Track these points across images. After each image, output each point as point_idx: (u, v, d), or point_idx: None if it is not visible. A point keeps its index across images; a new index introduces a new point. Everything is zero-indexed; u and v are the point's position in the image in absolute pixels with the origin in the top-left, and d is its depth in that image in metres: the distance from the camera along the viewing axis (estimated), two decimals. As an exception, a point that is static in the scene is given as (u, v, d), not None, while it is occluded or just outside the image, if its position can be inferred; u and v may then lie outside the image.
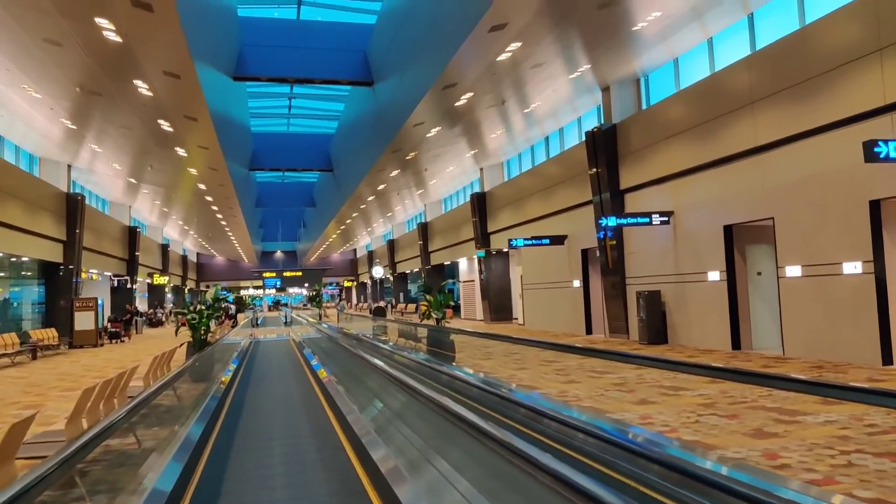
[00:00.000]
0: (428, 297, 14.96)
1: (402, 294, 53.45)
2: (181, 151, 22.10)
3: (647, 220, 16.03)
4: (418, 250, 42.77)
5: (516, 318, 29.22)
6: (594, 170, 19.23)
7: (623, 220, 16.07)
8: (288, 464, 6.50)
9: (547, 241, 21.72)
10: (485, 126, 23.43)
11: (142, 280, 41.74)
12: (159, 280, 44.48)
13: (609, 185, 18.66)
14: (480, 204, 30.45)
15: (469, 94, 17.61)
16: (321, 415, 8.76)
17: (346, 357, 12.37)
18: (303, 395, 10.67)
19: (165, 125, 18.13)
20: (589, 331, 20.86)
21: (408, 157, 25.23)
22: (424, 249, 41.39)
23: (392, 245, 51.45)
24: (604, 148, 18.84)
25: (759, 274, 14.83)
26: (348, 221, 47.32)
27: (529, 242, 21.70)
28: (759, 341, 14.50)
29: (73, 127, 19.88)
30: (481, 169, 31.10)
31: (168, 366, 10.18)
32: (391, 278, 54.32)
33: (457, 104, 18.42)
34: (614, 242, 18.48)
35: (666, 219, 16.15)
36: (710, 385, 9.82)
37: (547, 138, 26.34)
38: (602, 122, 19.37)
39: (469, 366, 13.06)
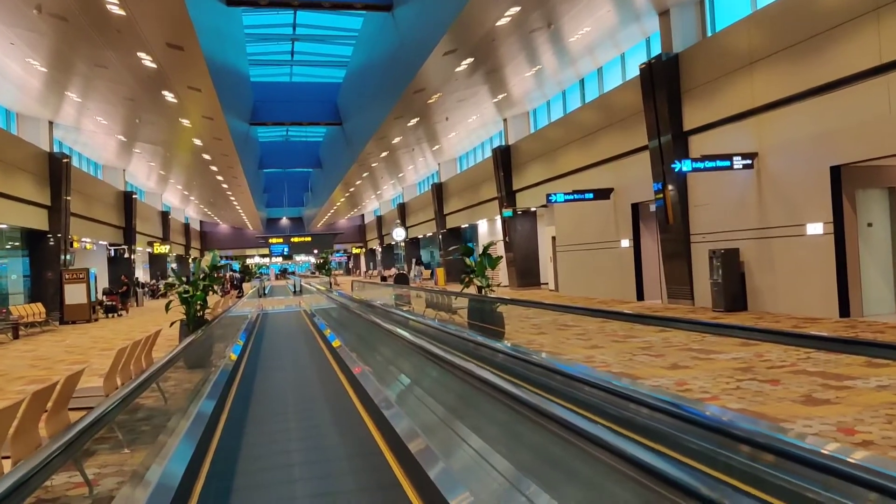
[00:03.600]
0: (467, 260, 12.45)
1: (413, 260, 51.08)
2: (170, 96, 19.43)
3: (728, 163, 13.40)
4: (432, 213, 40.17)
5: (545, 284, 26.78)
6: (651, 109, 16.52)
7: (699, 165, 13.44)
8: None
9: (590, 195, 19.12)
10: (514, 66, 20.63)
11: (142, 249, 39.40)
12: (160, 249, 42.11)
13: (671, 125, 15.96)
14: (505, 159, 27.73)
15: (515, 10, 14.74)
16: (356, 420, 6.38)
17: (375, 333, 10.09)
18: (334, 401, 8.09)
19: (147, 59, 15.52)
20: (640, 296, 18.39)
21: (430, 100, 22.37)
22: (439, 212, 38.80)
23: (403, 209, 48.83)
24: (663, 83, 16.09)
25: (870, 225, 12.26)
26: (357, 183, 44.62)
27: (570, 197, 19.11)
28: (870, 307, 12.02)
29: (40, 67, 17.26)
30: (505, 120, 28.30)
31: (147, 356, 7.80)
32: (402, 244, 51.87)
33: (499, 23, 15.54)
34: (672, 192, 15.88)
35: (749, 161, 13.52)
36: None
37: (582, 81, 23.51)
38: (652, 55, 16.56)
39: (523, 342, 10.67)
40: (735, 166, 13.39)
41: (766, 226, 13.51)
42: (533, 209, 27.02)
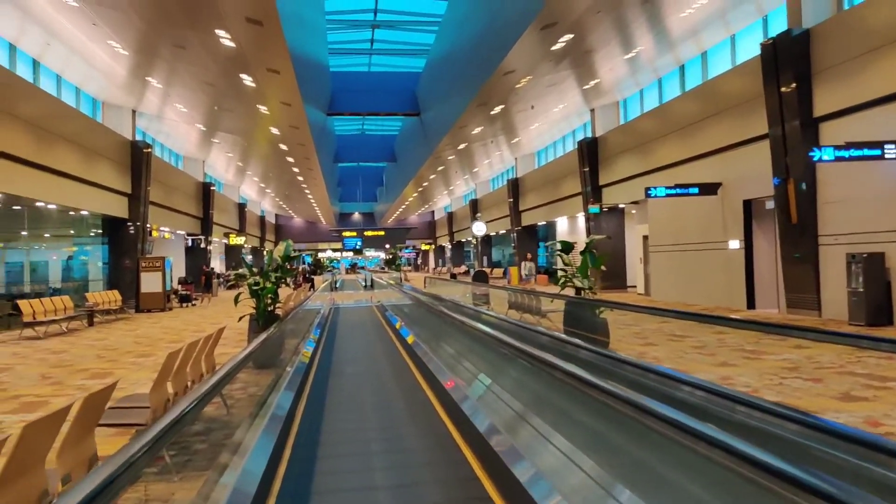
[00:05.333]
0: (563, 257, 10.96)
1: (485, 258, 49.71)
2: (248, 80, 18.79)
3: (878, 151, 11.39)
4: (506, 210, 38.72)
5: (633, 287, 24.88)
6: (774, 94, 14.54)
7: (843, 153, 11.47)
8: None
9: (695, 189, 17.24)
10: (610, 48, 18.96)
11: (218, 240, 39.70)
12: (236, 240, 42.35)
13: (798, 111, 13.96)
14: (591, 152, 25.97)
15: None
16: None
17: (454, 332, 8.88)
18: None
19: (225, 38, 14.90)
20: (751, 304, 16.39)
21: (519, 84, 20.85)
22: (515, 208, 37.30)
23: (475, 205, 47.53)
24: (790, 63, 14.11)
25: None
26: (431, 177, 43.61)
27: (673, 192, 17.28)
28: None
29: (122, 51, 16.92)
30: (592, 110, 26.54)
31: (208, 358, 6.76)
32: (474, 242, 50.58)
33: None
34: (797, 186, 13.88)
35: (904, 150, 11.46)
36: None
37: (682, 67, 21.53)
38: (769, 35, 14.56)
39: (633, 356, 9.15)
40: (887, 155, 11.37)
41: (924, 227, 11.43)
42: (621, 206, 25.17)
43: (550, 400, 4.89)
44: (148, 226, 23.50)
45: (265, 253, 11.03)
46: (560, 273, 11.25)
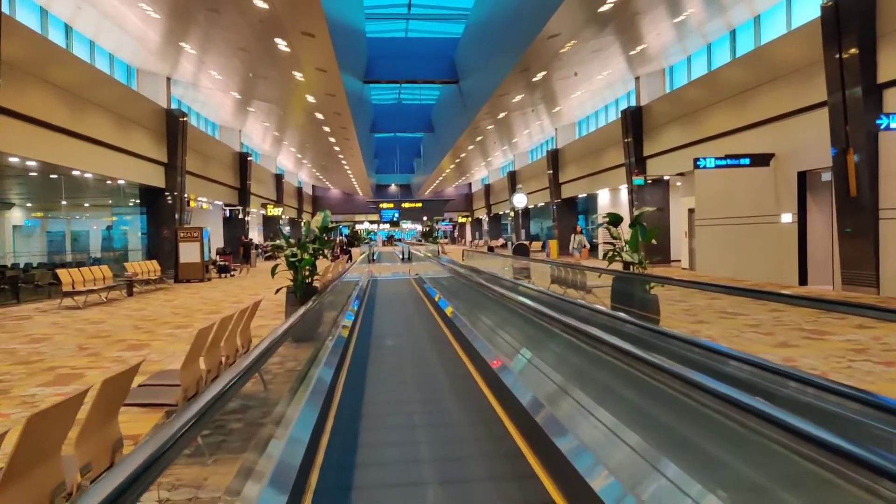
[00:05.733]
0: (611, 230, 10.48)
1: (523, 231, 49.10)
2: (283, 44, 18.43)
3: (953, 119, 10.56)
4: (545, 182, 37.99)
5: (678, 261, 24.15)
6: (834, 59, 13.64)
7: (913, 121, 10.68)
8: None
9: (747, 160, 16.44)
10: (659, 12, 18.06)
11: (256, 211, 39.96)
12: (273, 211, 42.60)
13: (862, 76, 13.07)
14: (635, 121, 25.09)
15: None
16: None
17: (494, 305, 8.58)
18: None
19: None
20: (803, 280, 15.67)
21: (563, 49, 20.08)
22: (555, 181, 36.54)
23: (513, 177, 46.83)
24: (853, 25, 13.19)
25: None
26: (470, 148, 42.97)
27: (723, 163, 16.51)
28: None
29: (154, 14, 16.75)
30: (637, 78, 25.59)
31: (244, 332, 6.54)
32: (511, 214, 49.98)
33: None
34: (858, 158, 13.04)
35: (982, 118, 10.61)
36: None
37: (733, 32, 20.48)
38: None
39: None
40: (963, 123, 10.54)
41: None
42: (666, 178, 24.35)
43: (593, 375, 4.78)
44: (185, 195, 23.63)
45: (302, 224, 10.85)
46: (608, 247, 10.78)
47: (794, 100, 15.75)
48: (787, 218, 16.07)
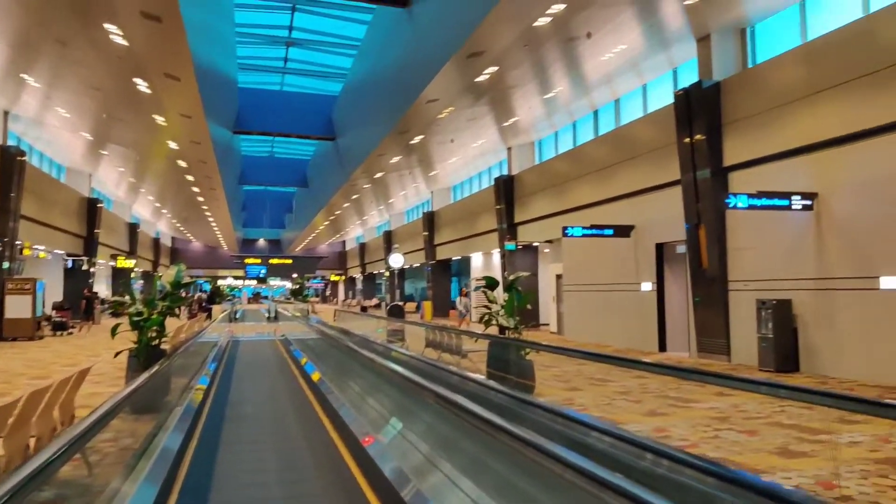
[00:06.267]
0: (488, 294, 10.37)
1: (398, 291, 48.75)
2: (143, 85, 17.07)
3: (786, 202, 11.63)
4: (420, 243, 38.15)
5: (546, 325, 24.75)
6: (686, 142, 14.80)
7: (756, 202, 11.62)
8: None
9: (610, 231, 17.27)
10: (531, 88, 18.95)
11: (104, 262, 36.60)
12: (124, 263, 39.21)
13: (709, 160, 14.23)
14: (508, 189, 25.91)
15: (558, 7, 12.86)
16: None
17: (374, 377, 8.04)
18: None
19: (117, 34, 13.45)
20: (663, 347, 16.43)
21: (441, 115, 20.38)
22: (430, 242, 36.77)
23: (389, 236, 46.68)
24: (701, 112, 14.41)
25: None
26: (345, 205, 42.43)
27: (589, 232, 17.23)
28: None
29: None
30: (509, 149, 26.59)
31: (65, 408, 5.42)
32: (386, 274, 49.60)
33: (536, 23, 13.66)
34: (713, 229, 14.06)
35: (809, 202, 11.76)
36: None
37: (596, 112, 21.92)
38: (678, 86, 14.91)
39: (558, 402, 8.60)
40: (793, 206, 11.63)
41: (829, 275, 11.68)
42: (535, 244, 25.15)
43: (461, 445, 4.76)
44: (18, 242, 21.01)
45: (155, 278, 9.73)
46: (484, 310, 10.62)
47: (651, 177, 16.86)
48: (647, 286, 16.94)
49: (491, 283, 10.28)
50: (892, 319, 10.55)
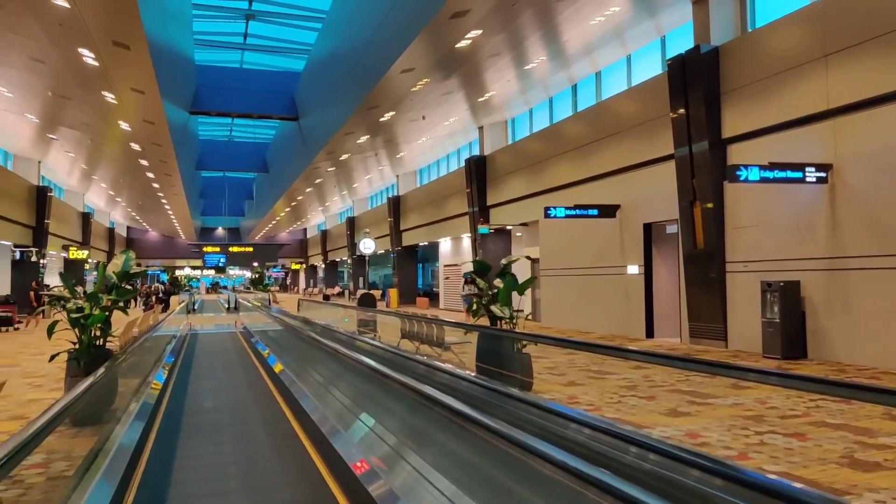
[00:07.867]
0: (479, 282, 9.30)
1: (360, 279, 47.42)
2: (90, 57, 15.41)
3: (799, 174, 10.79)
4: (386, 229, 36.89)
5: (521, 311, 23.79)
6: (681, 113, 13.91)
7: (768, 174, 10.75)
8: None
9: (595, 211, 16.36)
10: (504, 62, 17.86)
11: (55, 254, 34.47)
12: (77, 254, 37.00)
13: (707, 131, 13.36)
14: (480, 170, 24.84)
15: None
16: None
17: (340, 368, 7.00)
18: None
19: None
20: (650, 333, 15.63)
21: (414, 88, 19.09)
22: (395, 228, 35.54)
23: (352, 223, 45.26)
24: (698, 81, 13.52)
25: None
26: (308, 190, 40.82)
27: (572, 213, 16.28)
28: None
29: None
30: (480, 128, 25.50)
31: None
32: (349, 262, 48.19)
33: None
34: (710, 206, 13.23)
35: (823, 174, 10.95)
36: None
37: (575, 87, 20.96)
38: (668, 56, 14.01)
39: (558, 399, 7.66)
40: (808, 178, 10.81)
41: (844, 254, 10.92)
42: (508, 227, 24.18)
43: (432, 437, 4.31)
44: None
45: (97, 268, 8.35)
46: (474, 299, 9.54)
47: (639, 153, 15.98)
48: (634, 269, 16.10)
49: (482, 269, 9.20)
50: (912, 300, 9.84)
